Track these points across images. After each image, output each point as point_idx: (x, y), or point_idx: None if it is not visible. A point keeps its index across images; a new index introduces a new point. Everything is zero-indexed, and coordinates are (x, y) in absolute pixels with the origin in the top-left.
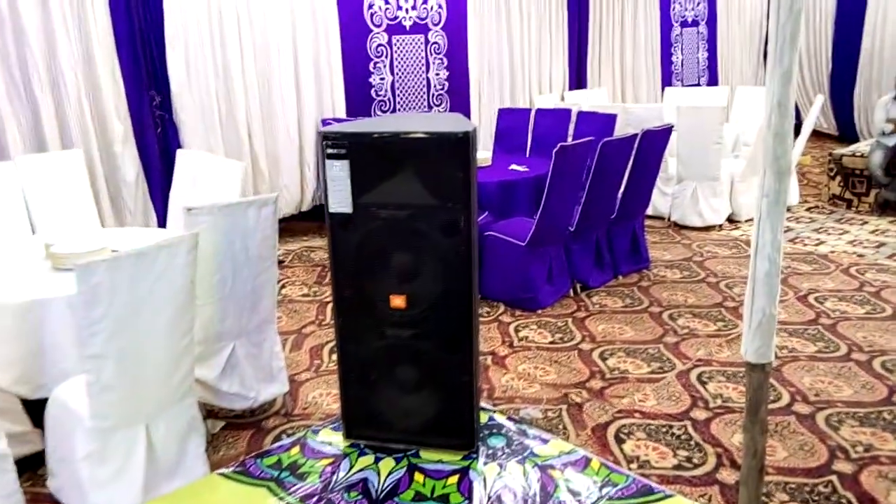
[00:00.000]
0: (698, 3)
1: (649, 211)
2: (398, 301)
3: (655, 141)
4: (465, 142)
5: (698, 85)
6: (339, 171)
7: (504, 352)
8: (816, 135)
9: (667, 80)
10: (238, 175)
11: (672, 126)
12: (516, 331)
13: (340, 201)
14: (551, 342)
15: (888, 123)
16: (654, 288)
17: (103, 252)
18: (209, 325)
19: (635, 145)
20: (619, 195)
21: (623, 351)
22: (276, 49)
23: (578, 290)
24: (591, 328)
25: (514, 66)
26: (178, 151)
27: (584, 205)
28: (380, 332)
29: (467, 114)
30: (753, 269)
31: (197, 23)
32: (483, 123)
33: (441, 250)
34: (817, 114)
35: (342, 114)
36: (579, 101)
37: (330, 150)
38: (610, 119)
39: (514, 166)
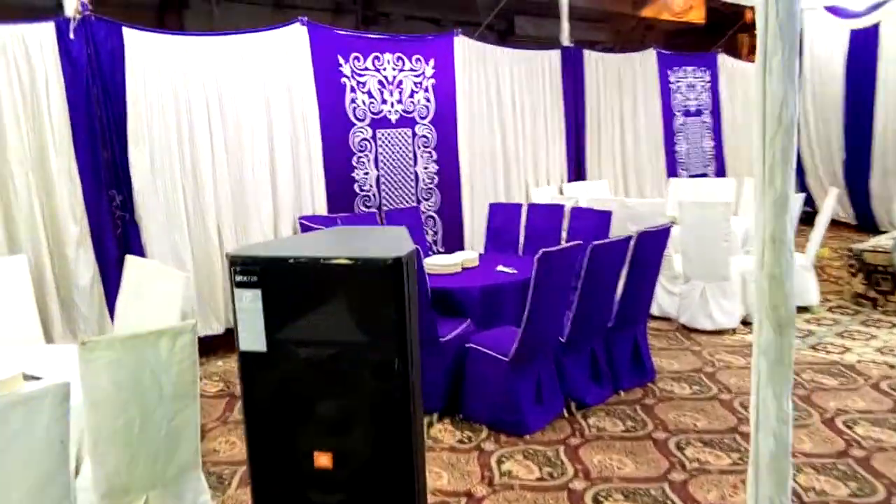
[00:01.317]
0: (700, 93)
1: (656, 312)
2: (323, 459)
3: (652, 242)
4: (396, 269)
5: (705, 175)
6: (249, 303)
7: (482, 492)
8: (834, 224)
9: (672, 170)
10: (179, 288)
11: (670, 225)
12: (499, 462)
13: (253, 338)
14: (538, 479)
15: None
16: (659, 406)
17: (15, 381)
18: (113, 477)
19: (630, 247)
20: (616, 301)
21: (620, 492)
22: (251, 144)
23: (573, 409)
24: (585, 459)
25: (509, 157)
26: (127, 258)
27: (576, 313)
28: (303, 497)
29: (458, 208)
30: (756, 449)
31: (163, 117)
32: (475, 219)
33: (373, 397)
34: (832, 207)
35: (323, 211)
36: (578, 195)
37: (239, 278)
38: (604, 216)
39: (501, 268)
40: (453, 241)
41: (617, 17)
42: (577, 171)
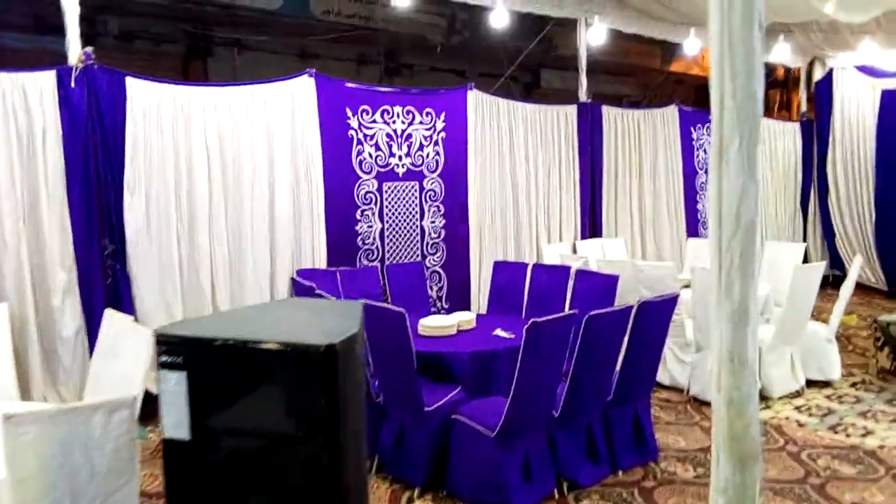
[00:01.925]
0: None
1: (666, 381)
2: None
3: (657, 312)
4: (329, 357)
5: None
6: (174, 386)
7: None
8: (864, 289)
9: (693, 229)
10: (146, 346)
11: (677, 295)
12: None
13: (177, 424)
14: None
15: None
16: (660, 491)
17: None
18: None
19: (631, 317)
20: (616, 373)
21: None
22: (251, 196)
23: (565, 489)
24: None
25: (520, 213)
26: (105, 312)
27: (571, 386)
28: None
29: (465, 265)
30: None
31: (162, 167)
32: (483, 276)
33: (302, 496)
34: (856, 276)
35: (323, 264)
36: (592, 253)
37: (163, 358)
38: (611, 280)
39: (499, 331)
40: (458, 299)
41: (645, 72)
42: (592, 227)
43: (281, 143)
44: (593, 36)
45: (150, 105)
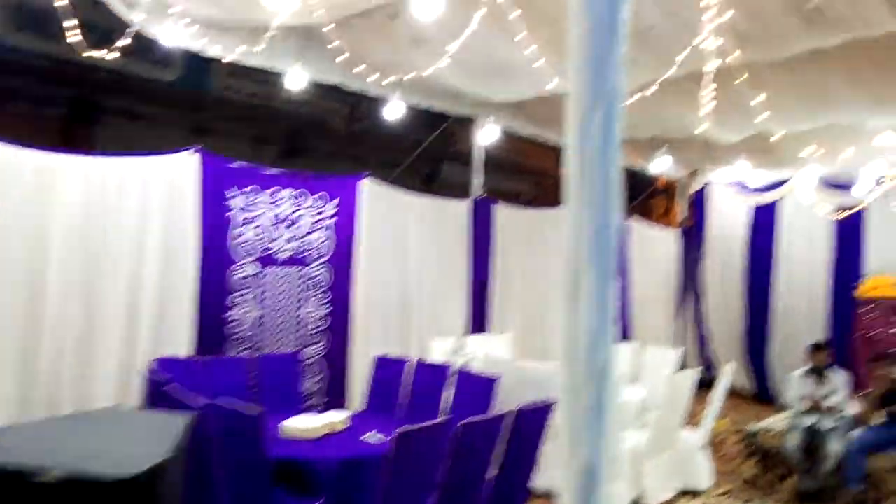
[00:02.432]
0: None
1: (544, 485)
2: None
3: (533, 419)
4: (124, 493)
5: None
6: None
7: None
8: (735, 394)
9: None
10: None
11: (553, 403)
12: None
13: None
14: None
15: (803, 401)
16: None
17: None
18: None
19: (507, 425)
20: (490, 483)
21: None
22: (113, 273)
23: None
24: None
25: (409, 305)
26: None
27: (442, 498)
28: None
29: (347, 357)
30: None
31: (6, 245)
32: (366, 369)
33: None
34: (727, 384)
35: (187, 352)
36: (478, 349)
37: None
38: (489, 384)
39: (371, 435)
40: (337, 394)
41: (540, 172)
42: (480, 323)
43: (154, 220)
44: (489, 135)
45: (3, 174)
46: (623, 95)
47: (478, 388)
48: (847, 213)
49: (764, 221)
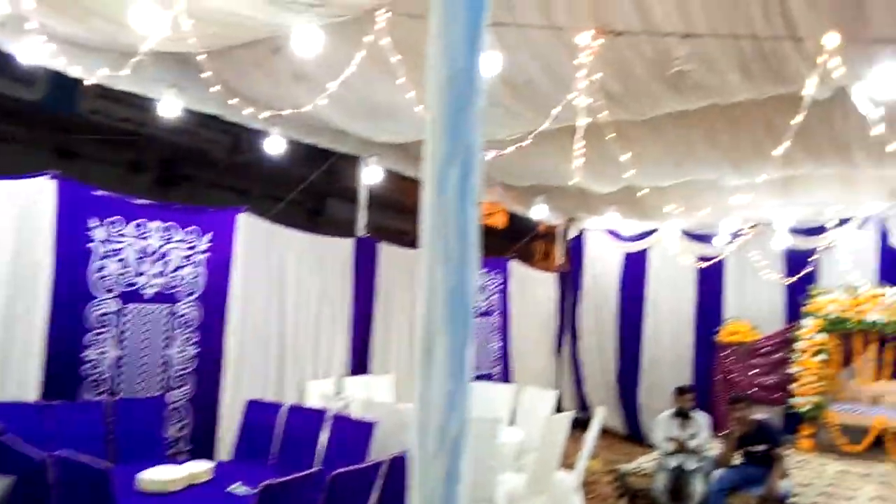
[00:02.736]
0: (492, 295)
1: None
2: None
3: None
4: None
5: (490, 376)
6: None
7: None
8: (607, 433)
9: None
10: None
11: None
12: None
13: None
14: None
15: (669, 443)
16: None
17: None
18: None
19: (381, 473)
20: None
21: None
22: None
23: None
24: None
25: (285, 346)
26: None
27: None
28: None
29: (216, 401)
30: None
31: None
32: (237, 414)
33: None
34: (599, 426)
35: (34, 396)
36: (358, 391)
37: None
38: (366, 429)
39: (236, 487)
40: (205, 441)
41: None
42: (361, 364)
43: (1, 249)
44: (372, 174)
45: None
46: (480, 150)
47: (354, 433)
48: (708, 263)
49: (635, 269)
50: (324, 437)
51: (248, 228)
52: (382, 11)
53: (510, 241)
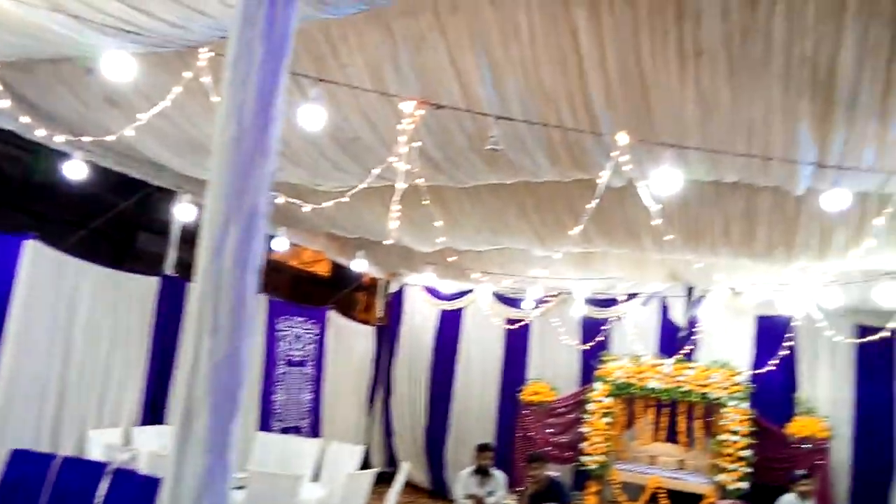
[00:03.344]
0: (307, 344)
1: None
2: None
3: None
4: None
5: (299, 428)
6: None
7: None
8: (414, 489)
9: (265, 422)
10: None
11: None
12: None
13: None
14: None
15: (468, 499)
16: None
17: None
18: None
19: None
20: None
21: None
22: None
23: None
24: None
25: (67, 389)
26: None
27: None
28: None
29: None
30: None
31: None
32: None
33: None
34: (403, 482)
35: None
36: (147, 443)
37: None
38: (151, 485)
39: None
40: None
41: None
42: (154, 413)
43: None
44: (186, 211)
45: None
46: (265, 215)
47: (138, 490)
48: (516, 325)
49: (450, 327)
50: (102, 493)
51: (36, 257)
52: (206, 50)
53: (334, 289)
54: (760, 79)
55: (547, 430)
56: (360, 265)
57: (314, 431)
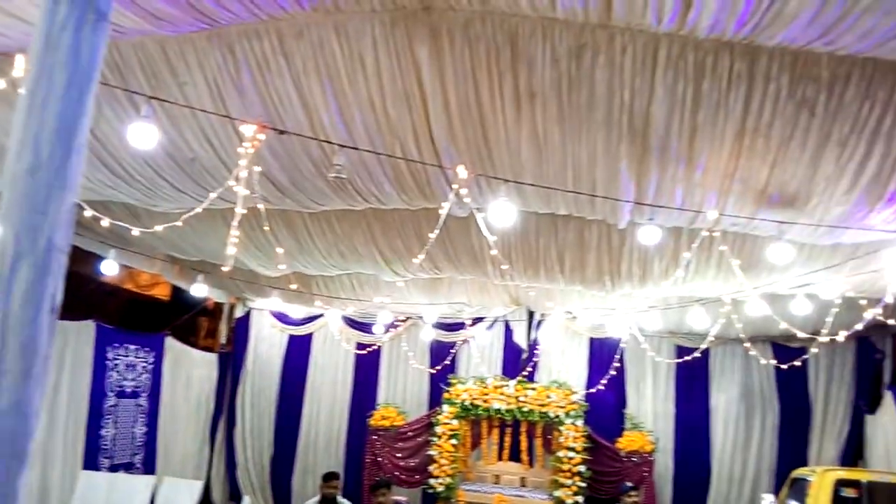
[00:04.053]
0: (141, 374)
1: None
2: None
3: None
4: None
5: (131, 464)
6: None
7: None
8: None
9: (91, 461)
10: None
11: None
12: None
13: None
14: None
15: None
16: None
17: None
18: None
19: None
20: None
21: None
22: None
23: None
24: None
25: None
26: None
27: None
28: None
29: None
30: None
31: None
32: None
33: None
34: None
35: None
36: None
37: None
38: None
39: None
40: None
41: (76, 277)
42: None
43: None
44: None
45: None
46: (65, 252)
47: None
48: (366, 350)
49: (298, 353)
50: None
51: None
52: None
53: (174, 314)
54: (586, 123)
55: (396, 455)
56: (200, 289)
57: (148, 467)
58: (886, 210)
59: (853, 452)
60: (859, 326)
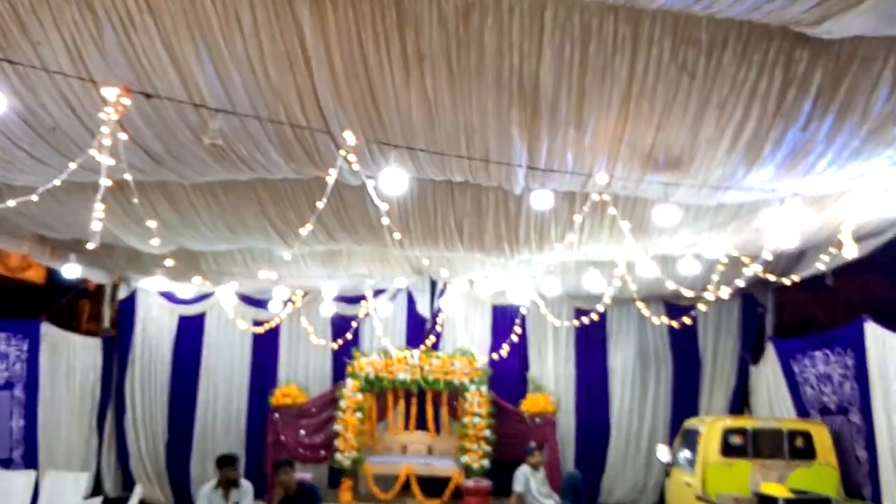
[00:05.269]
0: (13, 365)
1: None
2: None
3: None
4: None
5: (10, 460)
6: None
7: None
8: None
9: None
10: None
11: None
12: None
13: None
14: None
15: None
16: None
17: None
18: None
19: None
20: None
21: None
22: None
23: None
24: None
25: None
26: None
27: None
28: None
29: None
30: None
31: None
32: None
33: None
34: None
35: None
36: None
37: None
38: None
39: None
40: None
41: None
42: None
43: None
44: None
45: None
46: None
47: None
48: (263, 328)
49: (190, 334)
50: None
51: None
52: None
53: (50, 298)
54: (477, 86)
55: (300, 433)
56: (72, 270)
57: (29, 462)
58: (763, 170)
59: (740, 401)
60: (740, 282)
